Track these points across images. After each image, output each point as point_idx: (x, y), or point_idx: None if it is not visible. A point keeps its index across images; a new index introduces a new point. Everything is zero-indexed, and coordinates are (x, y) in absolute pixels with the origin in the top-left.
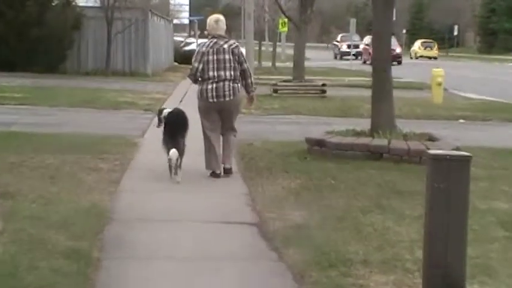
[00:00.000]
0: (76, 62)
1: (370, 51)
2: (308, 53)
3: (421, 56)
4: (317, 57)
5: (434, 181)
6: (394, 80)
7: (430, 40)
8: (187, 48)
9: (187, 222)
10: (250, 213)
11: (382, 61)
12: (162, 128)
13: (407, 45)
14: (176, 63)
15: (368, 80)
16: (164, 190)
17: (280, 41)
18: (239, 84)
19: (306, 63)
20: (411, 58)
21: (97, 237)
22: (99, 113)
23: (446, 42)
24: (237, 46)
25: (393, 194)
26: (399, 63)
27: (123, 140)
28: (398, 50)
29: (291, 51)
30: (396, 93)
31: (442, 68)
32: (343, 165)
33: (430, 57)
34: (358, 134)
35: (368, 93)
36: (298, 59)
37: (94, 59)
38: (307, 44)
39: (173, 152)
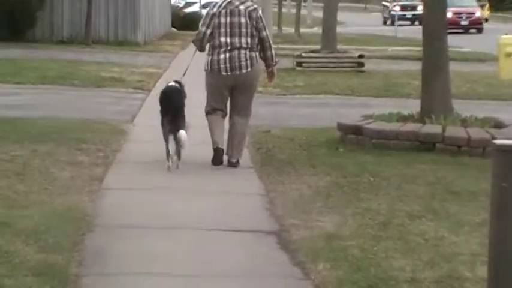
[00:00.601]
0: (48, 27)
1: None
2: (341, 16)
3: None
4: (353, 21)
5: (502, 179)
6: (451, 50)
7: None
8: (188, 10)
9: (188, 229)
10: (268, 219)
11: (437, 26)
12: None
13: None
14: (174, 29)
15: (418, 50)
16: (159, 189)
17: (305, 0)
18: (257, 54)
19: (339, 29)
20: None
21: (75, 249)
22: (77, 92)
23: None
24: (255, 9)
25: (449, 194)
26: (479, 30)
27: (108, 127)
28: (478, 13)
29: (319, 14)
30: (453, 66)
31: (508, 34)
32: (385, 158)
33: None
34: (405, 118)
35: (417, 66)
36: (329, 23)
37: (71, 23)
38: (340, 5)
39: (182, 134)
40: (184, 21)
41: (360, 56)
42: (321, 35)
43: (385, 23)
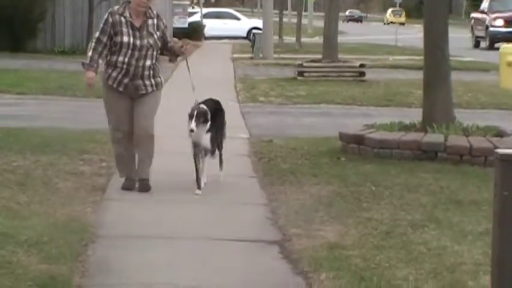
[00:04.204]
0: (49, 38)
1: None
2: (342, 26)
3: (391, 22)
4: (354, 30)
5: (504, 188)
6: (452, 59)
7: (399, 9)
8: (189, 20)
9: (191, 239)
10: (270, 229)
11: (437, 36)
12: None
13: (467, 14)
14: (175, 39)
15: (419, 59)
16: (162, 199)
17: (306, 10)
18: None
19: (340, 39)
20: (384, 24)
21: (78, 259)
22: (78, 103)
23: None
24: None
25: (451, 204)
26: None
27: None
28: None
29: (320, 24)
30: (454, 76)
31: None
32: (387, 168)
33: (399, 23)
34: (407, 128)
35: (419, 76)
36: (330, 33)
37: (72, 34)
38: (341, 14)
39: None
40: (185, 31)
41: (361, 66)
42: (322, 44)
43: (477, 45)
